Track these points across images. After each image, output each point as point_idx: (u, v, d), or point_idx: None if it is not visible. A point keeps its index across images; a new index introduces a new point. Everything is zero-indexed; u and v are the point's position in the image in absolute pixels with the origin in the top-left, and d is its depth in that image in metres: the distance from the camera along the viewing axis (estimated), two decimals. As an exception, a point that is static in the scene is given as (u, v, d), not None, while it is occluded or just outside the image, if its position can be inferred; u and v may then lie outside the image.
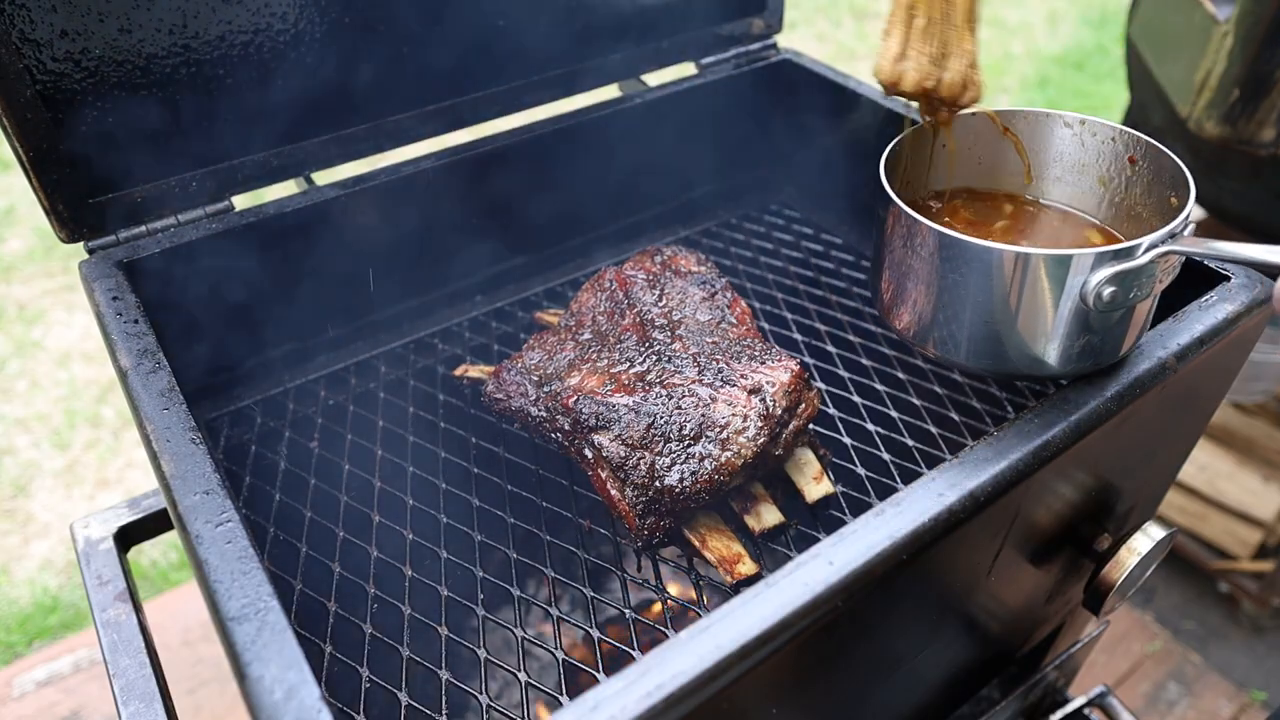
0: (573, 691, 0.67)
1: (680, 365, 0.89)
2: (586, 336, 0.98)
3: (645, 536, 0.81)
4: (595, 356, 0.94)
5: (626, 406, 0.84)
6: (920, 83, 0.81)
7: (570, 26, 1.18)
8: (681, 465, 0.80)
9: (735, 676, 0.59)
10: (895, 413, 1.01)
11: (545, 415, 0.89)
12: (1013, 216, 0.91)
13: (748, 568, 0.82)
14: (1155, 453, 0.98)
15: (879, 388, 1.05)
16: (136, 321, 0.86)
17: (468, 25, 1.10)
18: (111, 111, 0.92)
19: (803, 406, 0.87)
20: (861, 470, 0.95)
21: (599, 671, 0.76)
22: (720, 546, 0.84)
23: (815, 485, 0.90)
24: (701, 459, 0.80)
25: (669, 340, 0.92)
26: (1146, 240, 0.72)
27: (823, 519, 0.89)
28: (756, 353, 0.90)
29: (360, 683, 0.80)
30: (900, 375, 1.06)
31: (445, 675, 0.81)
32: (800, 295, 1.21)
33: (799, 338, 1.14)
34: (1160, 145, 0.82)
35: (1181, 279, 0.82)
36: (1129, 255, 0.72)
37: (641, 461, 0.81)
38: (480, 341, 1.17)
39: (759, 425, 0.82)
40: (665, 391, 0.85)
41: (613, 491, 0.83)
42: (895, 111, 1.15)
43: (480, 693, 0.78)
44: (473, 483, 0.98)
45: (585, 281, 1.06)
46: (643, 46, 1.26)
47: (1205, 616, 2.19)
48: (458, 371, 1.07)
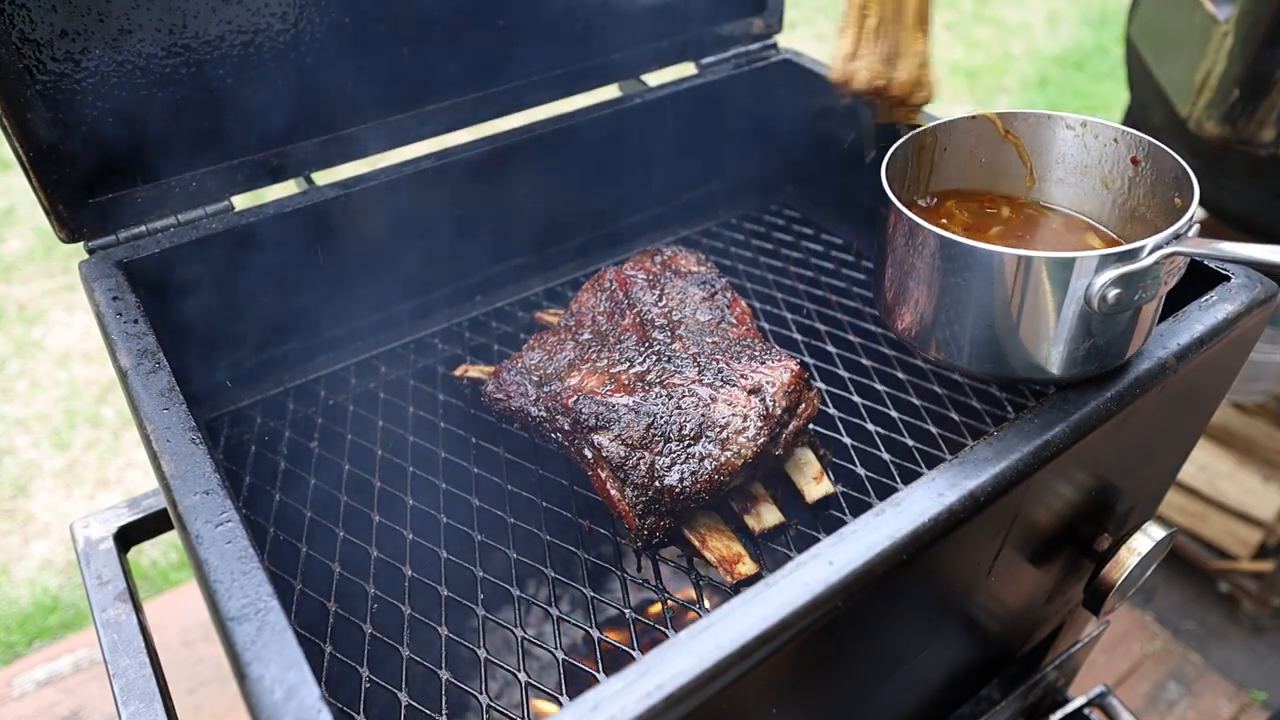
0: (573, 691, 0.67)
1: (680, 365, 0.89)
2: (586, 336, 0.98)
3: (645, 536, 0.81)
4: (595, 356, 0.94)
5: (626, 406, 0.84)
6: (871, 81, 0.83)
7: (570, 26, 1.18)
8: (681, 465, 0.80)
9: (735, 676, 0.59)
10: (895, 413, 1.01)
11: (545, 415, 0.89)
12: (1010, 220, 0.91)
13: (748, 568, 0.82)
14: (1155, 453, 0.98)
15: (879, 388, 1.05)
16: (136, 321, 0.86)
17: (468, 25, 1.10)
18: (111, 112, 0.92)
19: (803, 406, 0.87)
20: (861, 470, 0.95)
21: (599, 671, 0.76)
22: (720, 546, 0.84)
23: (815, 485, 0.90)
24: (701, 459, 0.80)
25: (669, 340, 0.92)
26: (1151, 242, 0.71)
27: (823, 519, 0.89)
28: (756, 353, 0.90)
29: (360, 683, 0.80)
30: (900, 375, 1.06)
31: (445, 675, 0.81)
32: (800, 295, 1.21)
33: (799, 338, 1.14)
34: (1163, 146, 0.82)
35: (1181, 279, 0.82)
36: (1133, 257, 0.71)
37: (641, 461, 0.81)
38: (480, 341, 1.17)
39: (759, 425, 0.82)
40: (665, 391, 0.85)
41: (613, 491, 0.83)
42: (895, 111, 1.15)
43: (480, 693, 0.78)
44: (473, 483, 0.98)
45: (585, 281, 1.06)
46: (643, 46, 1.26)
47: (1205, 616, 2.19)
48: (458, 371, 1.07)
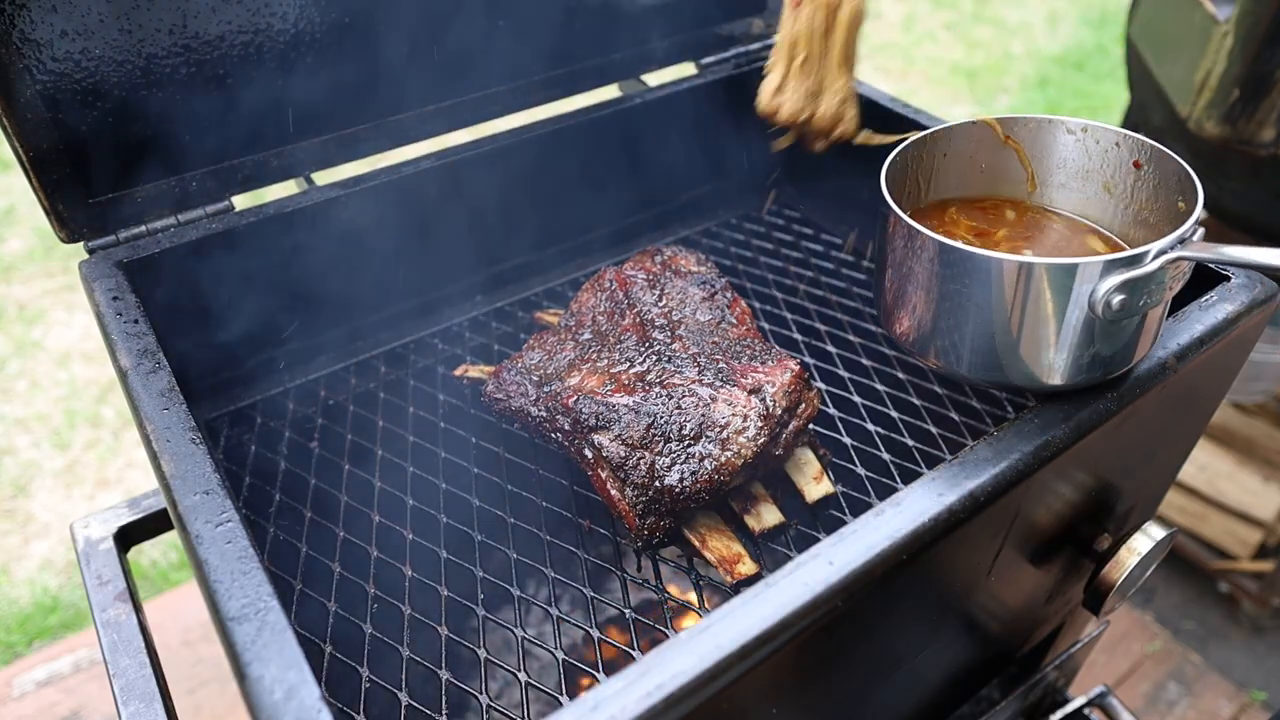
0: (573, 691, 0.67)
1: (680, 365, 0.88)
2: (586, 336, 0.98)
3: (645, 536, 0.81)
4: (595, 356, 0.94)
5: (626, 406, 0.84)
6: (794, 115, 0.88)
7: (570, 26, 1.18)
8: (681, 465, 0.80)
9: (735, 676, 0.59)
10: (895, 413, 1.01)
11: (545, 415, 0.89)
12: (1015, 224, 0.90)
13: (748, 568, 0.82)
14: (1155, 453, 0.98)
15: (879, 388, 1.05)
16: (136, 321, 0.86)
17: (468, 25, 1.10)
18: (111, 111, 0.92)
19: (803, 406, 0.87)
20: (861, 470, 0.95)
21: (599, 671, 0.76)
22: (720, 546, 0.84)
23: (815, 485, 0.90)
24: (701, 459, 0.80)
25: (669, 340, 0.92)
26: (1155, 246, 0.70)
27: (823, 519, 0.89)
28: (756, 353, 0.90)
29: (360, 683, 0.80)
30: (900, 375, 1.06)
31: (445, 675, 0.81)
32: (800, 295, 1.21)
33: (799, 338, 1.14)
34: (1166, 150, 0.81)
35: (1182, 280, 0.82)
36: (1138, 262, 0.70)
37: (641, 461, 0.81)
38: (480, 341, 1.17)
39: (759, 425, 0.82)
40: (665, 391, 0.85)
41: (613, 491, 0.83)
42: (895, 111, 1.15)
43: (480, 693, 0.78)
44: (473, 483, 0.98)
45: (585, 281, 1.06)
46: (643, 46, 1.26)
47: (1205, 616, 2.19)
48: (458, 371, 1.07)
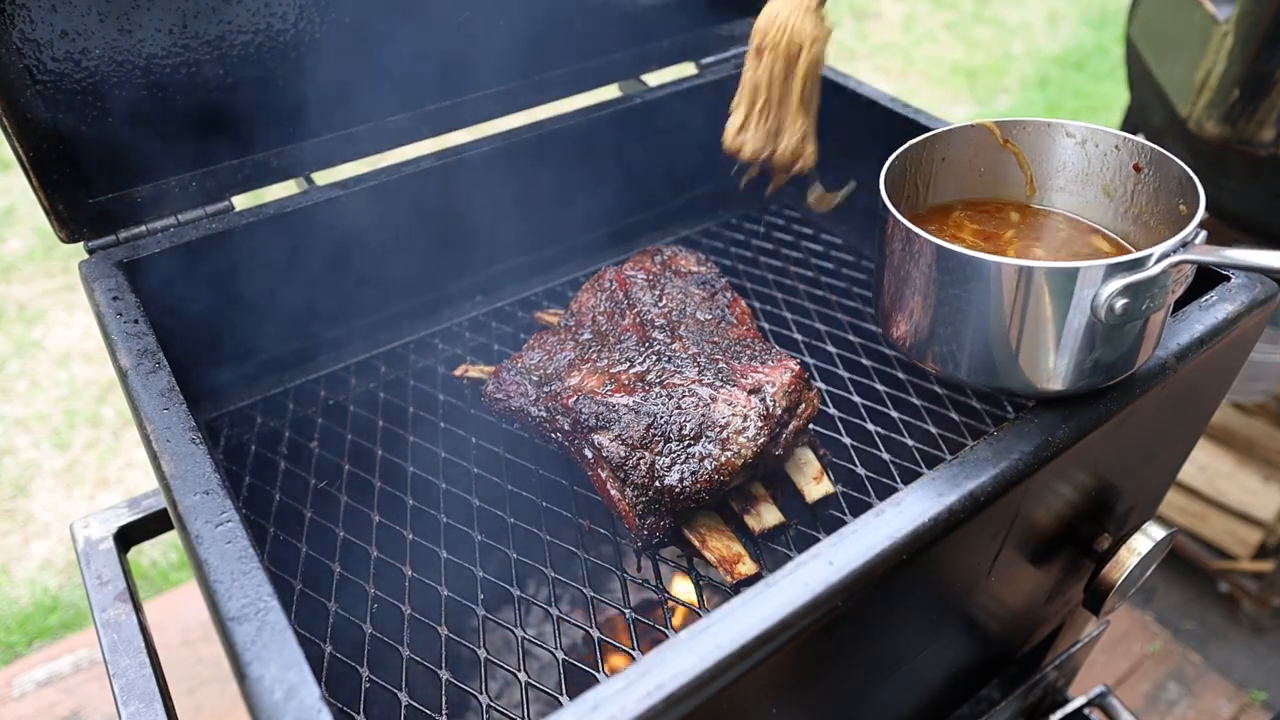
0: (573, 691, 0.67)
1: (680, 365, 0.88)
2: (586, 336, 0.98)
3: (645, 536, 0.81)
4: (595, 356, 0.94)
5: (626, 406, 0.84)
6: (757, 153, 0.94)
7: (570, 27, 1.18)
8: (681, 465, 0.80)
9: (735, 676, 0.59)
10: (895, 413, 1.01)
11: (545, 415, 0.89)
12: (1021, 226, 0.89)
13: (748, 568, 0.82)
14: (1155, 453, 0.98)
15: (879, 388, 1.05)
16: (136, 321, 0.86)
17: (468, 25, 1.10)
18: (111, 112, 0.92)
19: (803, 406, 0.87)
20: (861, 470, 0.95)
21: (599, 671, 0.76)
22: (720, 546, 0.84)
23: (815, 485, 0.90)
24: (701, 459, 0.80)
25: (669, 340, 0.92)
26: (1158, 250, 0.69)
27: (823, 519, 0.89)
28: (756, 353, 0.90)
29: (360, 683, 0.80)
30: (900, 375, 1.06)
31: (445, 675, 0.80)
32: (800, 295, 1.21)
33: (799, 338, 1.14)
34: (1166, 153, 0.80)
35: (1182, 281, 0.82)
36: (1140, 266, 0.69)
37: (641, 461, 0.81)
38: (480, 341, 1.17)
39: (759, 425, 0.82)
40: (665, 391, 0.85)
41: (613, 491, 0.83)
42: (894, 111, 1.16)
43: (480, 693, 0.78)
44: (473, 483, 0.98)
45: (585, 281, 1.06)
46: (643, 46, 1.26)
47: (1205, 616, 2.19)
48: (458, 371, 1.07)
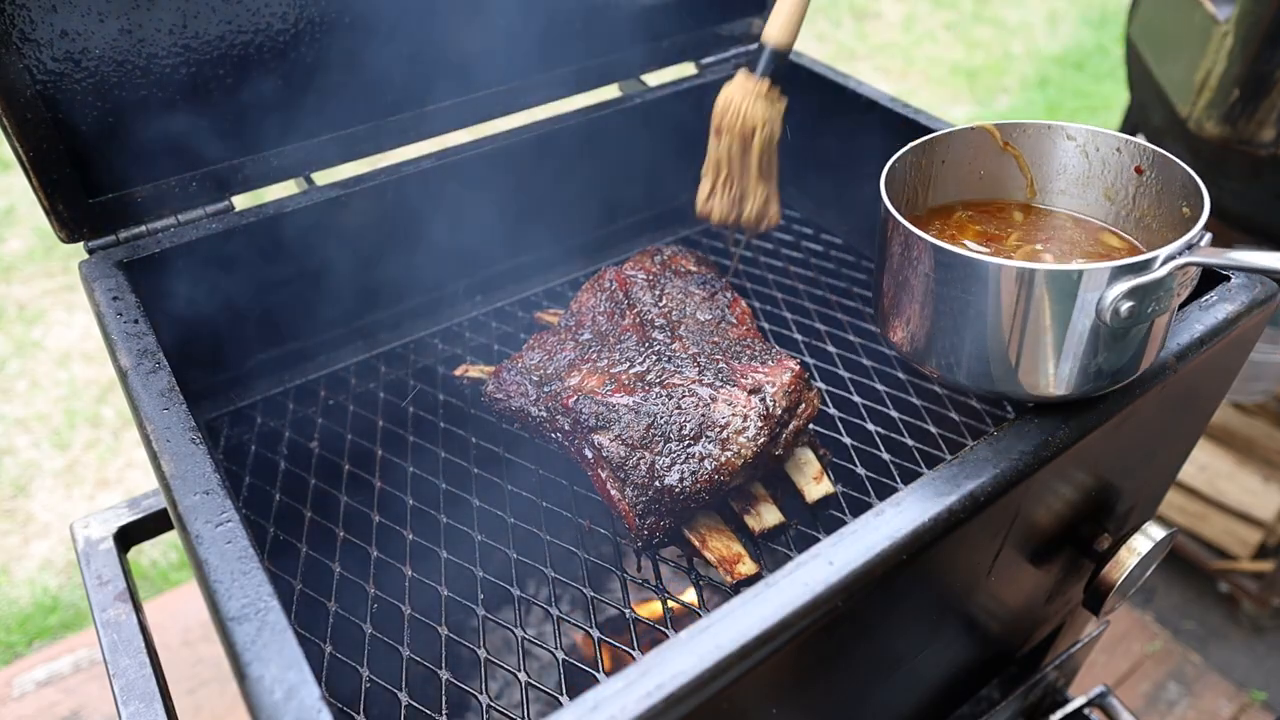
0: (573, 691, 0.67)
1: (680, 365, 0.88)
2: (586, 336, 0.98)
3: (645, 536, 0.81)
4: (595, 356, 0.94)
5: (626, 406, 0.84)
6: (724, 218, 1.03)
7: (570, 26, 1.18)
8: (681, 465, 0.80)
9: (735, 676, 0.59)
10: (895, 413, 1.01)
11: (545, 415, 0.89)
12: (1025, 226, 0.88)
13: (748, 568, 0.82)
14: (1155, 453, 0.98)
15: (879, 388, 1.05)
16: (136, 321, 0.86)
17: (468, 25, 1.10)
18: (111, 111, 0.92)
19: (803, 406, 0.87)
20: (861, 470, 0.95)
21: (599, 671, 0.76)
22: (720, 546, 0.84)
23: (815, 485, 0.90)
24: (701, 459, 0.80)
25: (669, 340, 0.92)
26: (1164, 252, 0.68)
27: (823, 519, 0.89)
28: (756, 353, 0.90)
29: (360, 683, 0.80)
30: (900, 375, 1.06)
31: (445, 675, 0.80)
32: (800, 295, 1.21)
33: (799, 338, 1.14)
34: (1169, 155, 0.79)
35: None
36: (1146, 268, 0.68)
37: (641, 461, 0.81)
38: (480, 341, 1.17)
39: (759, 425, 0.82)
40: (665, 391, 0.85)
41: (613, 491, 0.83)
42: (894, 111, 1.15)
43: (480, 693, 0.78)
44: (473, 483, 0.98)
45: (585, 281, 1.06)
46: (643, 46, 1.26)
47: (1205, 616, 2.19)
48: (458, 371, 1.07)
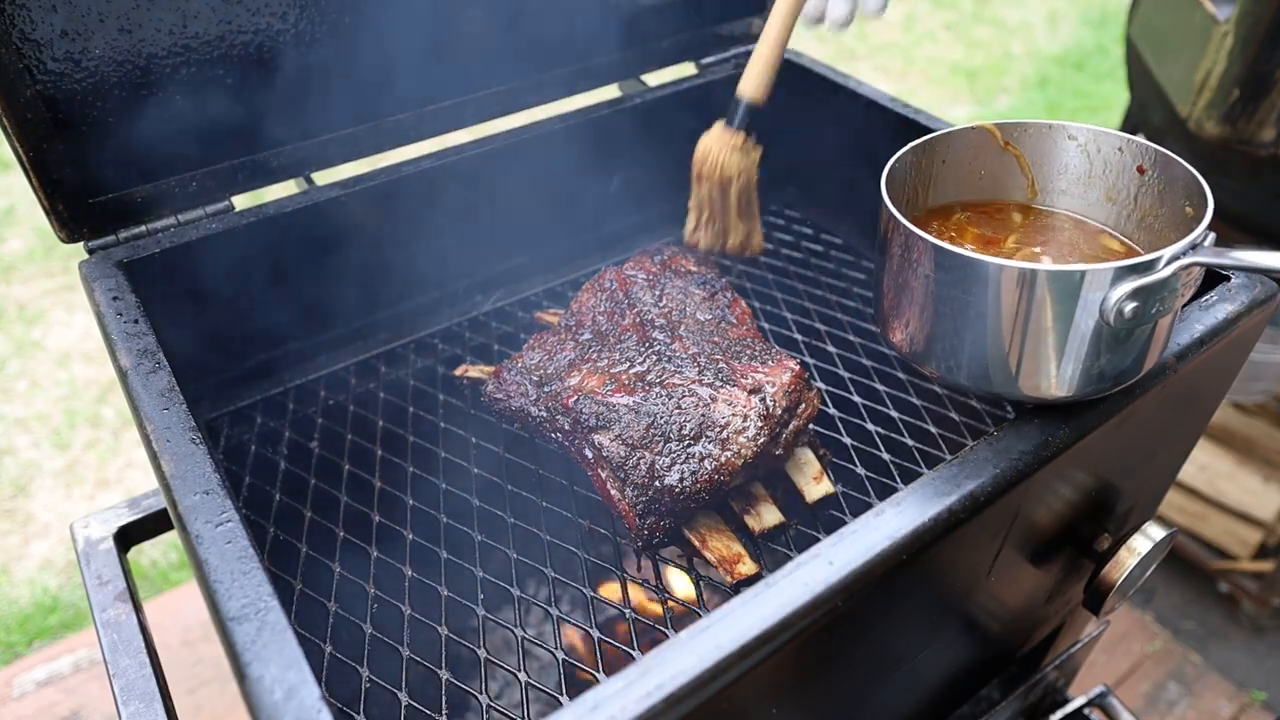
0: (573, 691, 0.67)
1: (680, 365, 0.88)
2: (586, 336, 0.98)
3: (645, 536, 0.81)
4: (595, 356, 0.94)
5: (626, 406, 0.84)
6: (710, 249, 1.12)
7: (570, 27, 1.18)
8: (681, 465, 0.80)
9: (735, 676, 0.59)
10: (895, 413, 1.01)
11: (545, 415, 0.89)
12: (1023, 228, 0.88)
13: (748, 568, 0.82)
14: (1155, 453, 0.98)
15: (879, 388, 1.05)
16: (136, 321, 0.86)
17: (468, 25, 1.10)
18: (111, 111, 0.92)
19: (803, 406, 0.87)
20: (861, 470, 0.95)
21: (599, 671, 0.76)
22: (720, 546, 0.84)
23: (815, 485, 0.90)
24: (701, 459, 0.80)
25: (669, 340, 0.92)
26: (1168, 252, 0.67)
27: (823, 519, 0.89)
28: (756, 353, 0.90)
29: (360, 683, 0.80)
30: (900, 375, 1.06)
31: (445, 675, 0.81)
32: (800, 295, 1.21)
33: (799, 338, 1.14)
34: (1172, 155, 0.79)
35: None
36: (1150, 269, 0.67)
37: (641, 461, 0.81)
38: (480, 341, 1.17)
39: (759, 425, 0.82)
40: (665, 391, 0.85)
41: (613, 491, 0.83)
42: (894, 111, 1.16)
43: (480, 693, 0.78)
44: (473, 482, 0.98)
45: (585, 281, 1.06)
46: (643, 46, 1.26)
47: (1205, 616, 2.19)
48: (458, 371, 1.07)
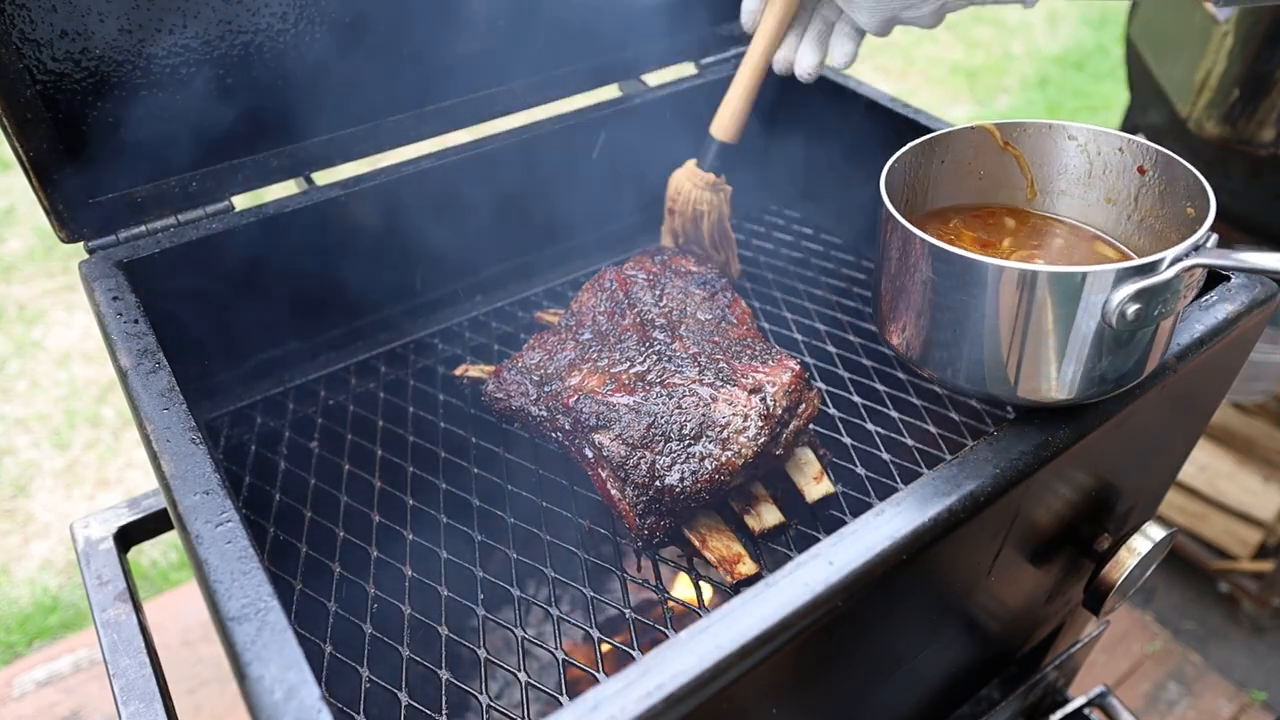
0: (573, 691, 0.67)
1: (680, 365, 0.88)
2: (586, 336, 0.98)
3: (645, 536, 0.81)
4: (595, 356, 0.94)
5: (627, 406, 0.84)
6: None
7: (571, 26, 1.18)
8: (682, 465, 0.80)
9: (735, 676, 0.59)
10: (895, 413, 1.01)
11: (546, 415, 0.89)
12: (1017, 232, 0.87)
13: (748, 568, 0.82)
14: (1155, 453, 0.98)
15: (879, 388, 1.05)
16: (136, 321, 0.86)
17: (468, 25, 1.10)
18: (111, 111, 0.92)
19: (803, 406, 0.87)
20: (861, 470, 0.95)
21: (599, 671, 0.76)
22: (720, 546, 0.84)
23: (815, 485, 0.90)
24: (702, 459, 0.80)
25: (669, 340, 0.92)
26: (1170, 254, 0.67)
27: (823, 519, 0.89)
28: (757, 353, 0.90)
29: (360, 683, 0.80)
30: (900, 375, 1.06)
31: (445, 675, 0.80)
32: (800, 295, 1.21)
33: (799, 338, 1.14)
34: (1173, 155, 0.78)
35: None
36: (1153, 270, 0.66)
37: (642, 461, 0.81)
38: (480, 341, 1.17)
39: (759, 425, 0.82)
40: (665, 391, 0.85)
41: (613, 491, 0.83)
42: (894, 111, 1.16)
43: (480, 693, 0.78)
44: (473, 483, 0.98)
45: (585, 281, 1.06)
46: (643, 46, 1.26)
47: (1205, 616, 2.19)
48: (458, 371, 1.07)
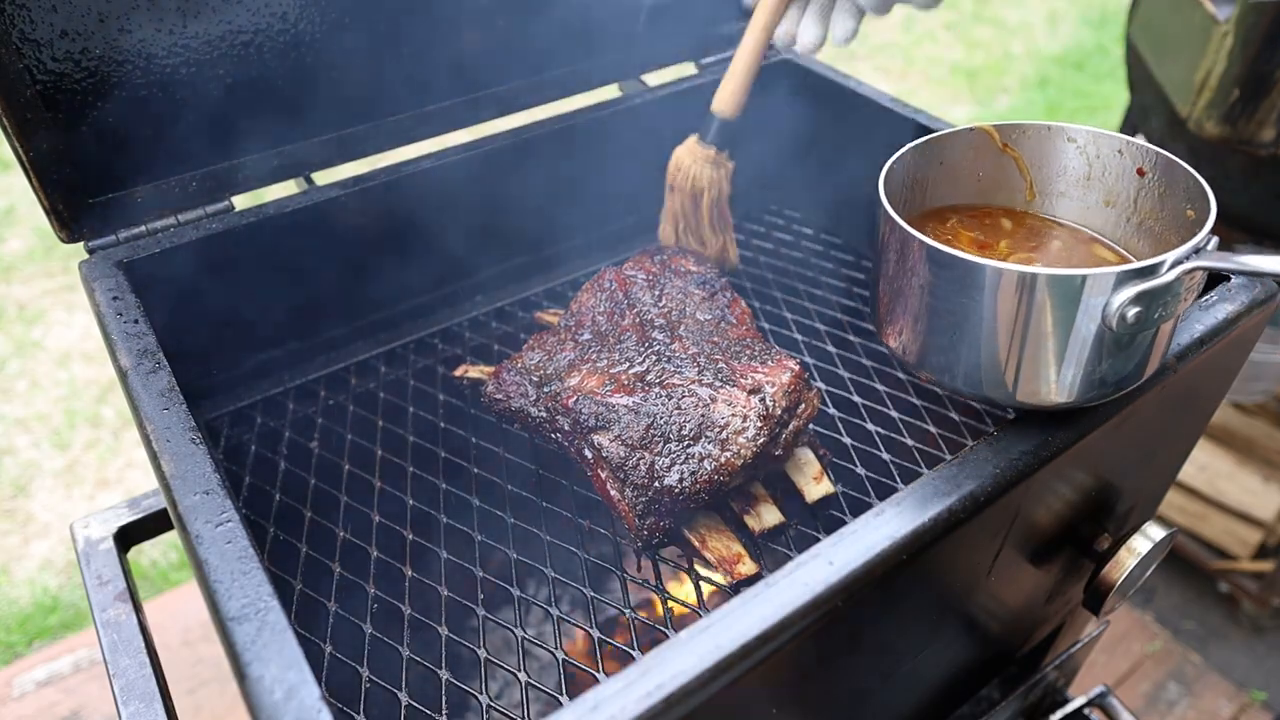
0: (573, 691, 0.67)
1: (680, 365, 0.88)
2: (586, 337, 0.98)
3: (645, 536, 0.81)
4: (595, 357, 0.94)
5: (626, 407, 0.84)
6: None
7: (571, 26, 1.18)
8: (681, 465, 0.80)
9: (735, 676, 0.59)
10: (895, 413, 1.01)
11: (545, 416, 0.89)
12: (1014, 234, 0.87)
13: (748, 568, 0.82)
14: (1155, 453, 0.98)
15: (879, 388, 1.05)
16: (136, 321, 0.86)
17: (467, 25, 1.10)
18: (111, 111, 0.92)
19: (803, 407, 0.87)
20: (861, 470, 0.95)
21: (599, 671, 0.76)
22: (720, 546, 0.84)
23: (815, 485, 0.90)
24: (701, 459, 0.80)
25: (669, 340, 0.92)
26: (1170, 256, 0.66)
27: (823, 519, 0.89)
28: (756, 353, 0.90)
29: (360, 683, 0.80)
30: (900, 375, 1.06)
31: (445, 675, 0.81)
32: (800, 295, 1.21)
33: (799, 338, 1.14)
34: (1173, 157, 0.78)
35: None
36: (1153, 273, 0.66)
37: (641, 462, 0.81)
38: (480, 341, 1.17)
39: (759, 425, 0.82)
40: (665, 392, 0.85)
41: (613, 491, 0.83)
42: (894, 111, 1.16)
43: (480, 693, 0.78)
44: (473, 483, 0.99)
45: (585, 281, 1.06)
46: (643, 46, 1.26)
47: (1205, 616, 2.19)
48: (458, 371, 1.07)
